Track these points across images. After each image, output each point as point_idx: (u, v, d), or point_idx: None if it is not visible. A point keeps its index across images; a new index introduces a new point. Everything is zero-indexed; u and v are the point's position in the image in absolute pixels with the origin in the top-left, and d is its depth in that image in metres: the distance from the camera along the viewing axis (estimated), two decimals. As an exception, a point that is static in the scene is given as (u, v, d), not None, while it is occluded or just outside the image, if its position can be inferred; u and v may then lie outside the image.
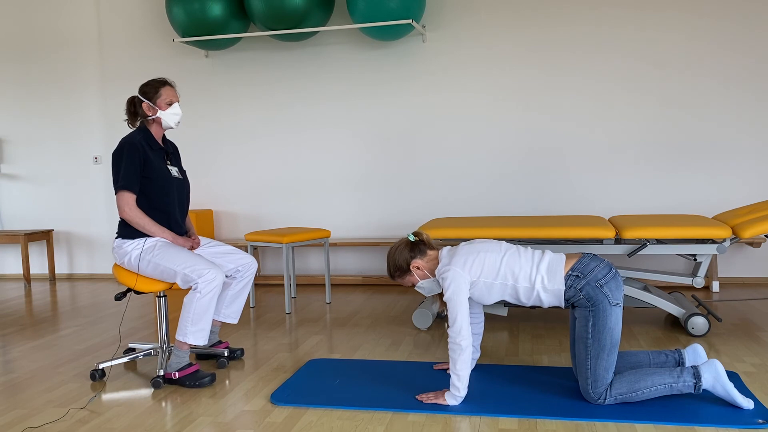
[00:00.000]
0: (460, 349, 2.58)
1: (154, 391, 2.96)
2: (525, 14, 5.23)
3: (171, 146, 3.36)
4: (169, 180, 3.18)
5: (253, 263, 3.38)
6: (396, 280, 2.86)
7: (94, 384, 3.08)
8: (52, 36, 6.12)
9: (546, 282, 2.61)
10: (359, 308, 4.59)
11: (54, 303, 5.08)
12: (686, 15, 4.99)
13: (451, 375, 2.62)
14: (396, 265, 2.81)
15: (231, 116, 5.83)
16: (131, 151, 3.07)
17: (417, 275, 2.79)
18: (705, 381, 2.53)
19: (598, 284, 2.56)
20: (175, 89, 3.24)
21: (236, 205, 5.88)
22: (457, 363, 2.59)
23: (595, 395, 2.58)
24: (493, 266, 2.65)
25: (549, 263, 2.64)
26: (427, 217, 5.53)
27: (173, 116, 3.20)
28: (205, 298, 2.99)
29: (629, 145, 5.13)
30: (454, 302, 2.60)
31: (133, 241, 3.12)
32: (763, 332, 3.66)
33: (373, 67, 5.52)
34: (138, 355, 3.30)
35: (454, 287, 2.61)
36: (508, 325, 3.99)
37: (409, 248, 2.79)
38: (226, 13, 5.23)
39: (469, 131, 5.39)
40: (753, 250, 5.07)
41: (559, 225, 3.73)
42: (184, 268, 3.01)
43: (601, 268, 2.59)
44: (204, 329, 3.02)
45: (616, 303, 2.57)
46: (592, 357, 2.57)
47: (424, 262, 2.78)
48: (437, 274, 2.71)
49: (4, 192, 6.36)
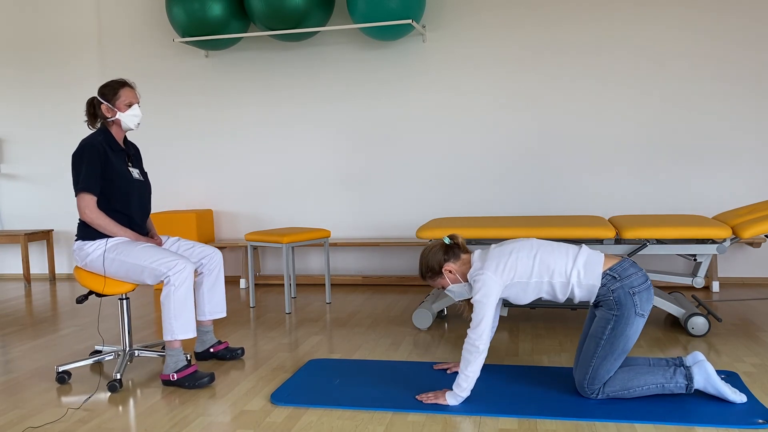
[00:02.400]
0: (478, 351, 2.57)
1: (153, 391, 2.96)
2: (525, 14, 5.23)
3: (132, 148, 3.33)
4: (130, 182, 3.16)
5: (217, 254, 3.35)
6: (426, 281, 2.84)
7: (62, 387, 3.07)
8: (52, 36, 6.12)
9: (582, 276, 2.59)
10: (359, 308, 4.59)
11: (54, 303, 5.08)
12: (687, 15, 4.99)
13: (459, 375, 2.61)
14: (428, 266, 2.79)
15: (231, 116, 5.83)
16: (91, 153, 3.05)
17: (449, 278, 2.78)
18: (696, 382, 2.57)
19: (631, 291, 2.55)
20: (135, 90, 3.21)
21: (236, 205, 5.88)
22: (470, 365, 2.58)
23: (590, 390, 2.61)
24: (526, 266, 2.63)
25: (587, 258, 2.62)
26: (426, 217, 5.52)
27: (132, 118, 3.17)
28: (180, 289, 2.96)
29: (629, 145, 5.13)
30: (483, 305, 2.59)
31: (94, 242, 3.08)
32: (763, 332, 3.66)
33: (373, 67, 5.52)
34: (104, 357, 3.26)
35: (485, 291, 2.59)
36: (508, 325, 3.99)
37: (444, 251, 2.77)
38: (226, 13, 5.23)
39: (469, 131, 5.39)
40: (753, 250, 5.07)
41: (559, 225, 3.73)
42: (152, 262, 2.98)
43: (638, 276, 2.58)
44: (189, 321, 2.99)
45: (642, 314, 2.56)
46: (599, 357, 2.58)
47: (456, 266, 2.76)
48: (469, 278, 2.69)
49: (4, 192, 6.37)
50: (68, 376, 3.13)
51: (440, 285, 2.82)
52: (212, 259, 3.34)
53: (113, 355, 3.28)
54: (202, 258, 3.32)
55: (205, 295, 3.34)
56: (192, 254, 3.31)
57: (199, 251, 3.32)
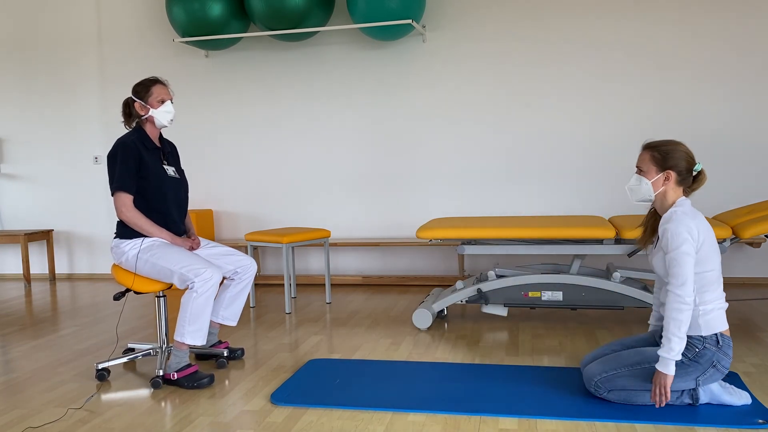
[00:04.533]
0: (689, 307, 2.39)
1: (153, 391, 2.96)
2: (525, 14, 5.23)
3: (168, 146, 3.35)
4: (165, 180, 3.17)
5: (253, 265, 3.36)
6: (645, 150, 2.58)
7: (97, 384, 3.07)
8: (53, 36, 6.12)
9: (704, 319, 2.48)
10: (359, 308, 4.59)
11: (54, 303, 5.08)
12: (686, 15, 4.99)
13: (671, 339, 2.39)
14: (666, 152, 2.52)
15: (231, 116, 5.83)
16: (125, 152, 3.07)
17: (656, 180, 2.53)
18: (701, 401, 2.55)
19: (714, 361, 2.48)
20: (168, 87, 3.22)
21: (236, 205, 5.88)
22: (682, 324, 2.39)
23: (595, 387, 2.59)
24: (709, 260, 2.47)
25: (720, 314, 2.51)
26: (427, 217, 5.52)
27: (165, 114, 3.17)
28: (201, 297, 2.98)
29: (629, 144, 5.13)
30: (685, 257, 2.40)
31: (130, 241, 3.11)
32: (763, 332, 3.66)
33: (373, 67, 5.52)
34: (137, 356, 3.30)
35: (686, 248, 2.41)
36: (508, 325, 3.99)
37: (686, 166, 2.52)
38: (226, 13, 5.23)
39: (469, 131, 5.39)
40: (753, 250, 5.07)
41: (559, 225, 3.72)
42: (181, 267, 3.00)
43: (728, 359, 2.51)
44: (201, 329, 3.01)
45: (699, 382, 2.49)
46: (631, 374, 2.54)
47: (672, 184, 2.53)
48: (669, 213, 2.51)
49: (4, 192, 6.37)
50: (107, 373, 3.15)
51: (644, 170, 2.57)
52: (248, 270, 3.32)
53: (151, 352, 3.31)
54: (238, 267, 3.30)
55: (226, 300, 3.33)
56: (229, 261, 3.30)
57: (237, 259, 3.31)
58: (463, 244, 3.89)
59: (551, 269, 4.03)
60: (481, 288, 3.88)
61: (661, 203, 2.59)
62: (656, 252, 2.60)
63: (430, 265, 5.56)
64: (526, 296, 3.85)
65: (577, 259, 3.85)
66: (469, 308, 4.46)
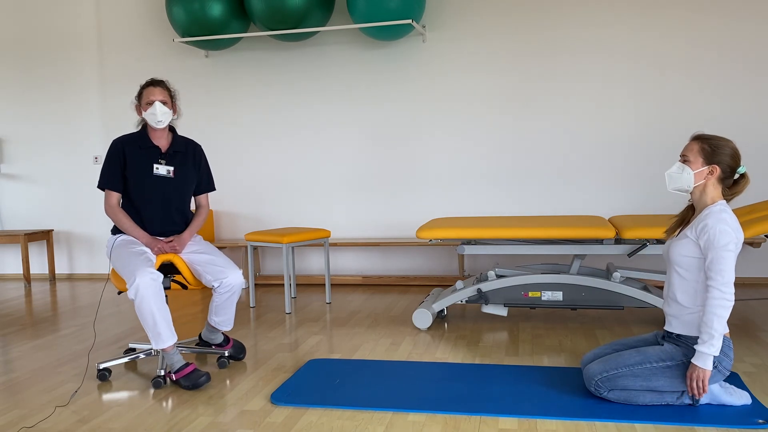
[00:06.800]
0: (731, 305, 2.40)
1: (154, 391, 2.96)
2: (525, 15, 5.23)
3: (181, 146, 3.32)
4: (147, 178, 3.18)
5: (234, 279, 3.15)
6: (693, 141, 2.57)
7: (98, 384, 3.08)
8: (52, 36, 6.12)
9: None
10: (359, 308, 4.59)
11: (54, 303, 5.08)
12: (685, 16, 4.99)
13: (710, 335, 2.39)
14: (717, 146, 2.51)
15: (231, 116, 5.83)
16: (111, 151, 3.23)
17: (700, 171, 2.52)
18: (701, 401, 2.55)
19: (716, 363, 2.48)
20: (159, 87, 3.22)
21: (236, 205, 5.88)
22: (723, 321, 2.40)
23: (595, 386, 2.59)
24: None
25: None
26: (427, 217, 5.52)
27: (151, 116, 3.19)
28: (143, 303, 2.90)
29: (629, 144, 5.13)
30: (728, 254, 2.41)
31: (112, 237, 3.25)
32: (763, 332, 3.66)
33: (373, 67, 5.52)
34: (138, 355, 3.29)
35: (730, 245, 2.42)
36: (508, 325, 3.99)
37: (731, 164, 2.52)
38: (226, 13, 5.23)
39: (469, 131, 5.39)
40: (753, 250, 5.07)
41: (559, 225, 3.72)
42: (122, 269, 3.01)
43: (729, 361, 2.51)
44: (161, 332, 2.94)
45: (716, 372, 2.50)
46: (633, 374, 2.54)
47: (714, 180, 2.53)
48: (714, 209, 2.50)
49: (4, 192, 6.36)
50: (109, 373, 3.15)
51: (689, 160, 2.55)
52: (224, 285, 3.14)
53: (152, 352, 3.30)
54: (220, 281, 3.13)
55: (214, 308, 3.27)
56: (210, 271, 3.16)
57: (218, 270, 3.15)
58: (463, 244, 3.89)
59: (551, 269, 4.04)
60: (481, 288, 3.88)
61: (699, 197, 2.59)
62: (679, 239, 2.59)
63: (430, 265, 5.56)
64: (526, 296, 3.85)
65: (577, 259, 3.85)
66: (469, 308, 4.46)
